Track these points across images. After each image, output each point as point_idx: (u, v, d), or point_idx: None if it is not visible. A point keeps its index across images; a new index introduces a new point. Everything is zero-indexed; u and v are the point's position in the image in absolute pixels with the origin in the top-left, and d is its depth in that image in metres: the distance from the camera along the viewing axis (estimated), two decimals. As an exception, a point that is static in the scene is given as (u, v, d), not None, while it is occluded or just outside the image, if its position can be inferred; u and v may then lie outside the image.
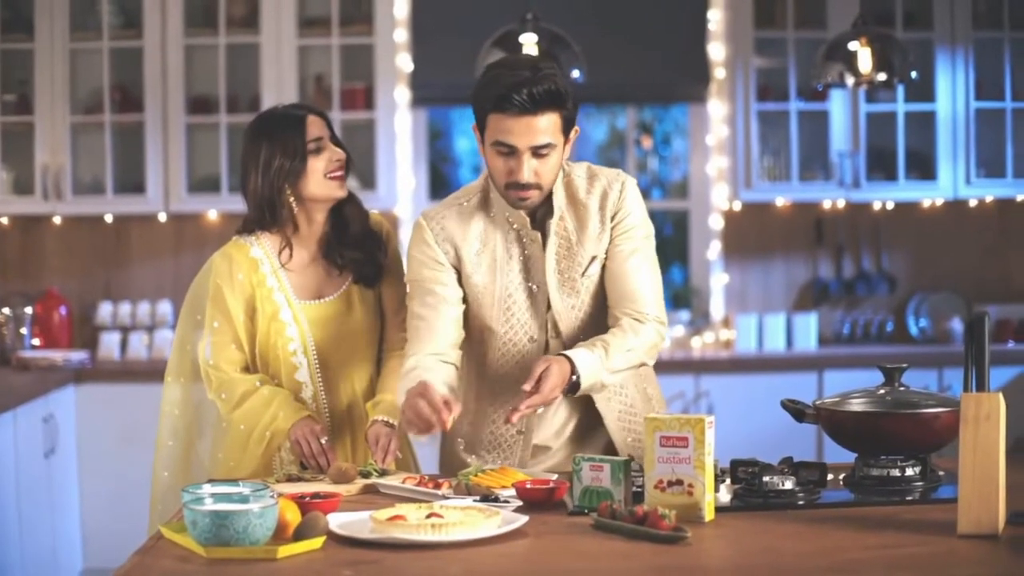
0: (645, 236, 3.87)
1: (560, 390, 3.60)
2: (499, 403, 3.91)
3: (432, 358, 3.77)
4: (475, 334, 3.91)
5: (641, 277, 3.83)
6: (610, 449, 3.94)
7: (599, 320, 3.86)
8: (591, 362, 3.65)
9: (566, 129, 3.69)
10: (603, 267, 3.85)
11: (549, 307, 3.83)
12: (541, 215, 3.82)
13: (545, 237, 3.81)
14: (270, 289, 4.03)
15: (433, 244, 3.84)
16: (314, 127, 4.01)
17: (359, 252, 4.09)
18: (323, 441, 3.90)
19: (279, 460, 4.02)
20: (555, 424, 3.93)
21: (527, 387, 3.54)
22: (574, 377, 3.62)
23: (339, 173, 4.02)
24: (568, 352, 3.65)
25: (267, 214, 4.03)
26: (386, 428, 3.92)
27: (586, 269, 3.83)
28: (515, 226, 3.82)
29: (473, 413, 3.97)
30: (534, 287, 3.83)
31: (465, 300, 3.87)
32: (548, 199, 3.79)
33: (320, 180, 3.99)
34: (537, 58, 3.74)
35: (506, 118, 3.60)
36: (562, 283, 3.83)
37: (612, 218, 3.83)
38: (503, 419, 3.69)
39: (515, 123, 3.60)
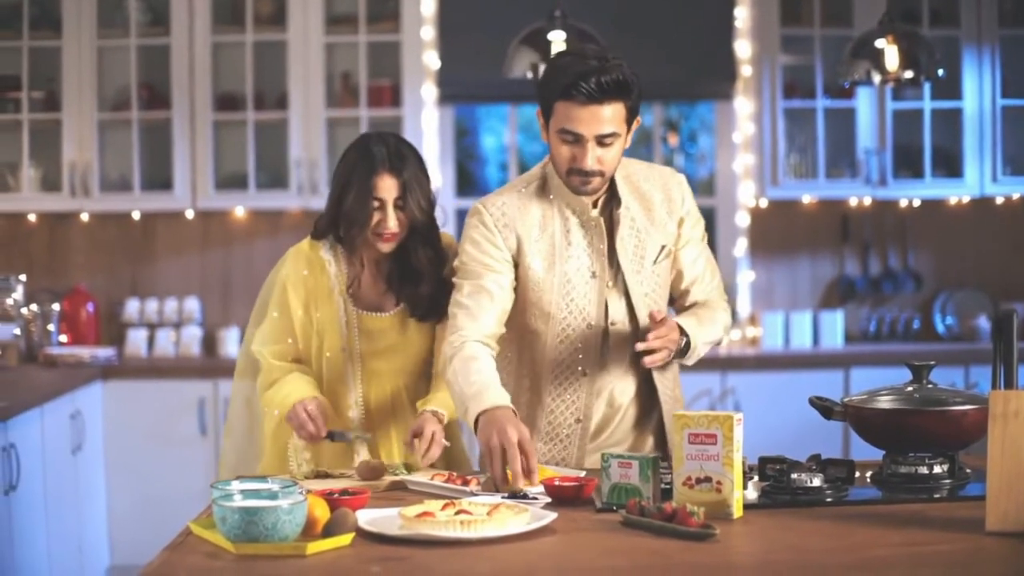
0: (703, 230, 4.03)
1: (675, 345, 3.75)
2: (557, 392, 3.91)
3: (478, 344, 3.73)
4: (531, 321, 3.89)
5: (711, 265, 4.03)
6: (660, 432, 3.99)
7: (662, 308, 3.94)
8: (693, 329, 3.82)
9: (629, 119, 3.73)
10: (671, 257, 3.95)
11: (607, 293, 3.85)
12: (602, 204, 3.86)
13: (611, 224, 3.85)
14: (330, 291, 4.06)
15: (493, 228, 3.84)
16: (383, 187, 3.96)
17: (419, 301, 4.08)
18: (310, 409, 3.92)
19: (293, 447, 4.06)
20: (609, 410, 3.95)
21: (656, 317, 3.71)
22: (683, 341, 3.77)
23: (386, 235, 4.00)
24: (676, 319, 3.82)
25: (335, 231, 4.07)
26: (433, 418, 3.90)
27: (657, 257, 3.89)
28: (576, 212, 3.84)
29: (527, 404, 3.95)
30: (595, 272, 3.85)
31: (515, 289, 3.86)
32: (609, 187, 3.84)
33: (368, 232, 4.00)
34: (605, 48, 3.77)
35: (573, 106, 3.64)
36: (637, 270, 3.87)
37: (681, 219, 3.93)
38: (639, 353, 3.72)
39: (582, 111, 3.64)
